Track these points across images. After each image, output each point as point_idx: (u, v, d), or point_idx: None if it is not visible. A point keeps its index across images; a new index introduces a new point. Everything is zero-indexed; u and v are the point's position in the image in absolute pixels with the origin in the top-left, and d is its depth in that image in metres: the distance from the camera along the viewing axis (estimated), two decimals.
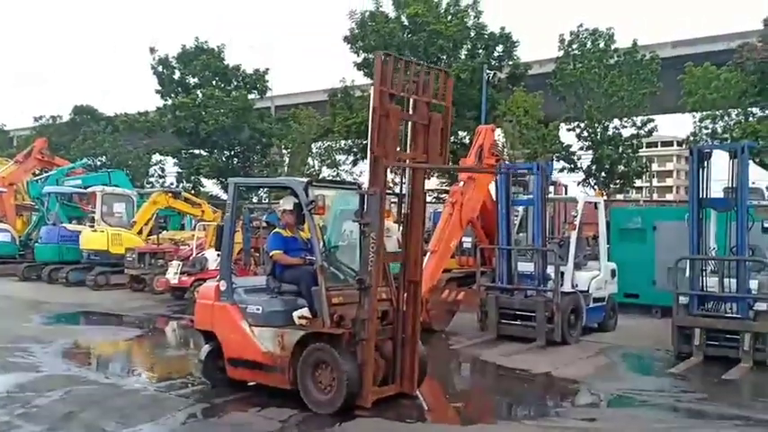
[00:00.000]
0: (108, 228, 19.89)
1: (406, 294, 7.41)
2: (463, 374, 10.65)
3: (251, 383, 8.01)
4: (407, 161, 7.41)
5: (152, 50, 37.87)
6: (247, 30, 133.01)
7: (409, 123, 7.41)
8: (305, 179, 8.15)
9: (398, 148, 7.24)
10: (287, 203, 8.27)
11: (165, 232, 21.97)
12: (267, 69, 39.18)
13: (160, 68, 37.97)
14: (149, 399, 8.07)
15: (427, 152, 7.28)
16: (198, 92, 37.07)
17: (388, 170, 7.21)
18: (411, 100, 7.25)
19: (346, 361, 6.96)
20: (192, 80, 37.99)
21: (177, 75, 38.18)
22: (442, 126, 7.35)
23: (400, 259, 7.52)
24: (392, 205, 8.23)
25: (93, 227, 20.21)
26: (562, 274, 11.51)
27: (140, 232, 20.34)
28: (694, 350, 10.12)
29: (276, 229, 8.56)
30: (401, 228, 7.58)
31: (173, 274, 16.80)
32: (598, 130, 28.14)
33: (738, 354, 9.84)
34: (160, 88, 38.36)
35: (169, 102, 37.80)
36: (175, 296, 16.89)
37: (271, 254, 8.10)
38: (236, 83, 38.16)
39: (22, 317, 14.27)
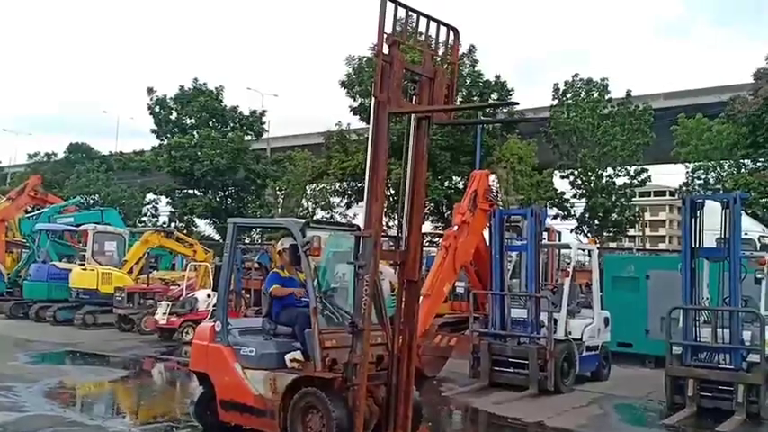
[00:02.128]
0: (98, 266, 19.75)
1: (401, 338, 7.19)
2: (455, 423, 10.49)
3: (247, 428, 7.84)
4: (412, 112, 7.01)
5: (150, 91, 38.28)
6: (245, 72, 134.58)
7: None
8: (302, 220, 8.13)
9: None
10: (285, 244, 8.27)
11: (155, 272, 21.82)
12: (264, 111, 39.65)
13: (157, 109, 38.27)
14: None
15: (431, 113, 7.02)
16: (194, 132, 37.31)
17: (383, 212, 7.09)
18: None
19: (337, 407, 6.81)
20: (189, 121, 38.28)
21: (174, 115, 38.47)
22: (447, 82, 7.12)
23: (397, 257, 7.10)
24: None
25: (83, 265, 20.07)
26: (555, 321, 11.45)
27: (131, 271, 20.18)
28: (687, 401, 10.02)
29: (274, 269, 8.55)
30: (405, 207, 7.07)
31: (161, 315, 16.64)
32: (592, 178, 28.37)
33: (732, 405, 9.75)
34: (156, 128, 38.61)
35: (165, 142, 37.99)
36: (164, 337, 16.69)
37: (270, 289, 8.06)
38: (232, 124, 38.45)
39: (7, 355, 14.04)
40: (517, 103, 12.88)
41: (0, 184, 51.47)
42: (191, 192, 38.41)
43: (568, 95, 28.93)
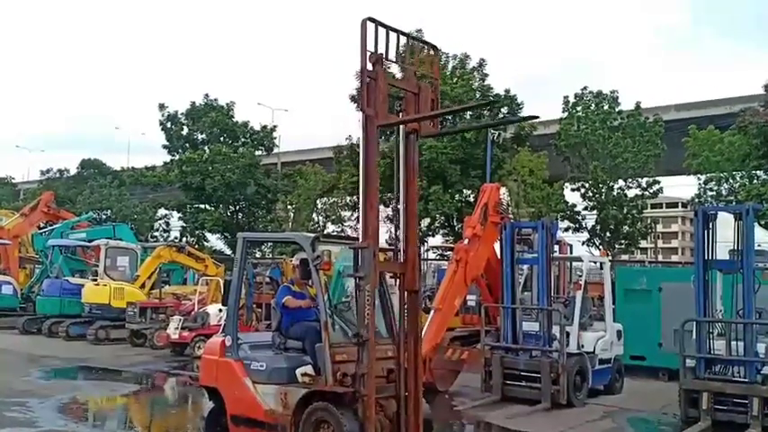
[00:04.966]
0: (111, 281, 19.82)
1: (406, 349, 7.16)
2: None
3: None
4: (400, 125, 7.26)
5: (161, 107, 38.59)
6: (256, 87, 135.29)
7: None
8: (312, 234, 8.17)
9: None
10: (298, 259, 8.33)
11: (167, 287, 21.87)
12: (275, 126, 39.83)
13: (169, 124, 38.54)
14: None
15: (418, 121, 7.22)
16: (205, 148, 37.54)
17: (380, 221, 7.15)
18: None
19: (349, 421, 6.80)
20: (200, 136, 38.51)
21: (185, 131, 38.71)
22: (432, 97, 7.30)
23: (397, 268, 7.15)
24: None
25: (95, 280, 20.16)
26: (567, 334, 11.38)
27: (143, 286, 20.25)
28: (702, 415, 9.91)
29: (285, 283, 8.59)
30: (400, 211, 7.24)
31: (173, 330, 16.67)
32: (603, 190, 28.29)
33: (747, 419, 9.64)
34: (168, 144, 38.86)
35: (176, 157, 38.23)
36: (176, 352, 16.71)
37: (283, 300, 8.08)
38: (243, 139, 38.65)
39: (20, 371, 14.10)
40: (496, 102, 12.95)
41: (13, 200, 51.83)
42: (202, 206, 38.55)
43: (578, 108, 28.93)
